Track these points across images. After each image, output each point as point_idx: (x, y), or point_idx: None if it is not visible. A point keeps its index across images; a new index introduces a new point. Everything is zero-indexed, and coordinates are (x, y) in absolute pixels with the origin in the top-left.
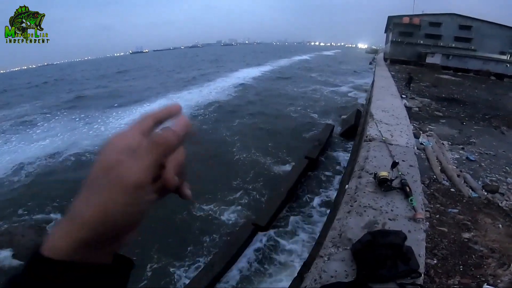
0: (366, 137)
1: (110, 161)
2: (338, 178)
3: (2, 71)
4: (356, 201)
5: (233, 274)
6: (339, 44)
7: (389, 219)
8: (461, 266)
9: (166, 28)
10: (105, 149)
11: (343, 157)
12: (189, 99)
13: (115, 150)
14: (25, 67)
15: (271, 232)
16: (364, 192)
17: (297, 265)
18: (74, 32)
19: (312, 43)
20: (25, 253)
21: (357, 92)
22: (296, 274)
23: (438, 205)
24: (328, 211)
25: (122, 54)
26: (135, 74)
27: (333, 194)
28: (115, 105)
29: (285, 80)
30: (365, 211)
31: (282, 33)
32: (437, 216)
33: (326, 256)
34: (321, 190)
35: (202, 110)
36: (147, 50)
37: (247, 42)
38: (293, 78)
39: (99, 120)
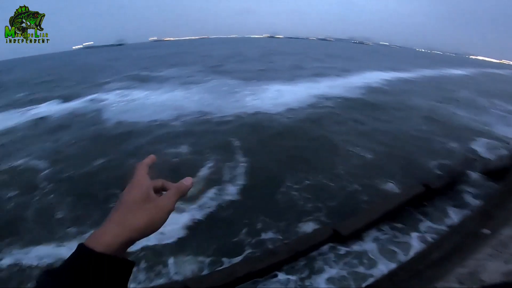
0: None
1: (146, 196)
2: (455, 215)
3: (175, 38)
4: (507, 248)
5: (297, 266)
6: None
7: None
8: None
9: (295, 16)
10: (135, 188)
11: (472, 195)
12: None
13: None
14: (188, 38)
15: (349, 244)
16: None
17: None
18: (222, 11)
19: (473, 57)
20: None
21: None
22: None
23: None
24: (425, 244)
25: (258, 36)
26: None
27: (440, 229)
28: None
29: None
30: None
31: (425, 39)
32: None
33: None
34: (427, 220)
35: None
36: (281, 36)
37: (387, 44)
38: None
39: None
